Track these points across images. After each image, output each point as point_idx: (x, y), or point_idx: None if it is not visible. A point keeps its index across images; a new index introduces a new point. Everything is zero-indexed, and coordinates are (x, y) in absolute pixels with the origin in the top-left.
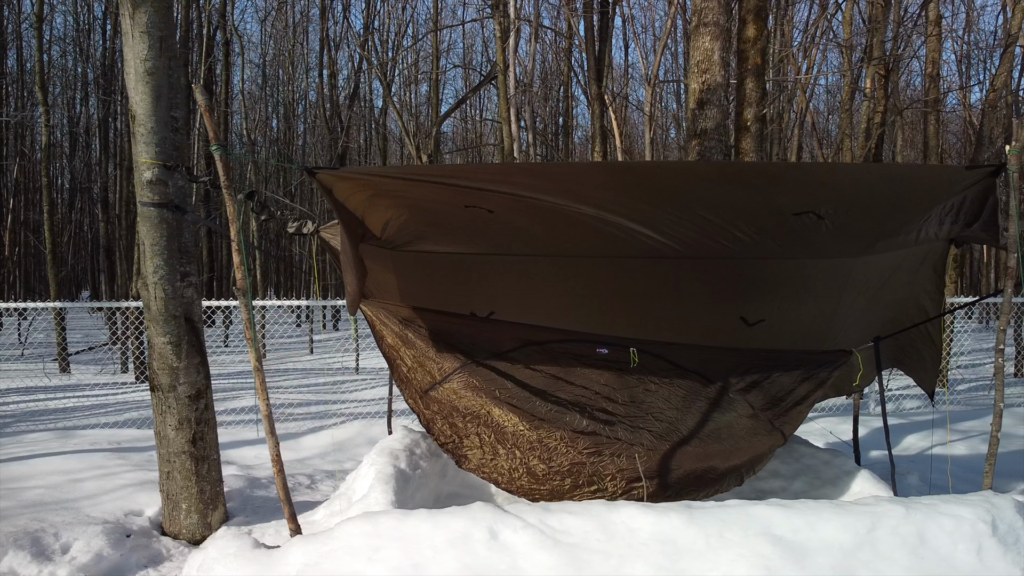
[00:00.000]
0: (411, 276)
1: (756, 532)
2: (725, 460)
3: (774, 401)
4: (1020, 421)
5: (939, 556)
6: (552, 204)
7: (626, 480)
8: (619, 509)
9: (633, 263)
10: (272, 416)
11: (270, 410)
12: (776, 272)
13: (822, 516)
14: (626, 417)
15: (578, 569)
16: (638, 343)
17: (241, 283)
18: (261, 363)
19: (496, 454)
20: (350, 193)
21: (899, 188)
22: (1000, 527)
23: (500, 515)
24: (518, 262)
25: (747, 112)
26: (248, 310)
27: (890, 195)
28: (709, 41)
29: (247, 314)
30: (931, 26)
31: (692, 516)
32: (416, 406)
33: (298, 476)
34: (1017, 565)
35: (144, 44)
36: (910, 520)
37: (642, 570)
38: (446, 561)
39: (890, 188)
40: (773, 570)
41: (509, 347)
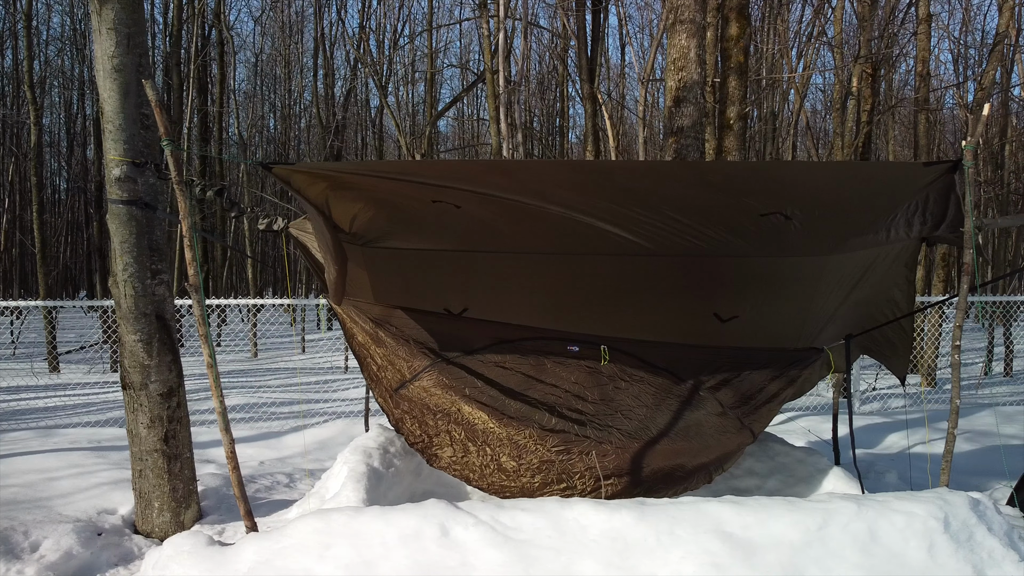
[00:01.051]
0: (383, 273)
1: (706, 529)
2: (693, 458)
3: (744, 399)
4: (1004, 420)
5: (890, 553)
6: (518, 203)
7: (595, 478)
8: (572, 506)
9: (605, 260)
10: (226, 414)
11: (224, 408)
12: (748, 270)
13: (773, 513)
14: (596, 415)
15: (527, 566)
16: (609, 341)
17: (193, 279)
18: (215, 360)
19: (467, 451)
20: (307, 185)
21: (862, 187)
22: (953, 524)
23: (452, 512)
24: (490, 259)
25: (730, 110)
26: (201, 307)
27: (854, 194)
28: (685, 39)
29: (199, 311)
30: (920, 24)
31: (643, 513)
32: (386, 405)
33: (277, 475)
34: (968, 562)
35: (111, 41)
36: (861, 517)
37: (591, 567)
38: (397, 558)
39: (853, 187)
40: (721, 567)
41: (480, 345)
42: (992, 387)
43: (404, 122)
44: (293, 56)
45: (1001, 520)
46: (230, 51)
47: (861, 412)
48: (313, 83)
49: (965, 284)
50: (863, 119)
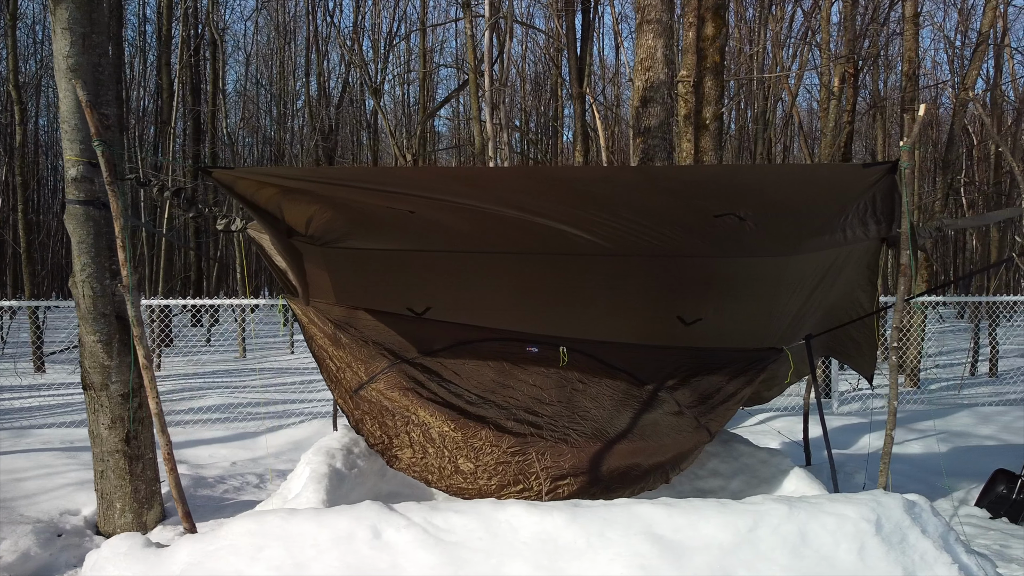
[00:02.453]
0: (345, 273)
1: (637, 531)
2: (649, 457)
3: (702, 399)
4: (982, 420)
5: (820, 555)
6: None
7: (551, 479)
8: (505, 508)
9: (567, 261)
10: (163, 415)
11: (160, 410)
12: (711, 271)
13: (704, 515)
14: (553, 416)
15: (457, 568)
16: (569, 342)
17: (126, 279)
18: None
19: (426, 453)
20: (256, 190)
21: (809, 188)
22: (885, 526)
23: (385, 514)
24: (452, 258)
25: (706, 110)
26: (136, 307)
27: (802, 195)
28: (652, 39)
29: (133, 311)
30: (907, 23)
31: (575, 515)
32: (346, 406)
33: (248, 476)
34: (899, 564)
35: (66, 40)
36: (792, 519)
37: (521, 569)
38: (328, 560)
39: (800, 189)
40: (649, 569)
41: (439, 346)
42: (976, 387)
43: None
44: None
45: (937, 522)
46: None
47: (839, 413)
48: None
49: (902, 285)
50: (845, 119)
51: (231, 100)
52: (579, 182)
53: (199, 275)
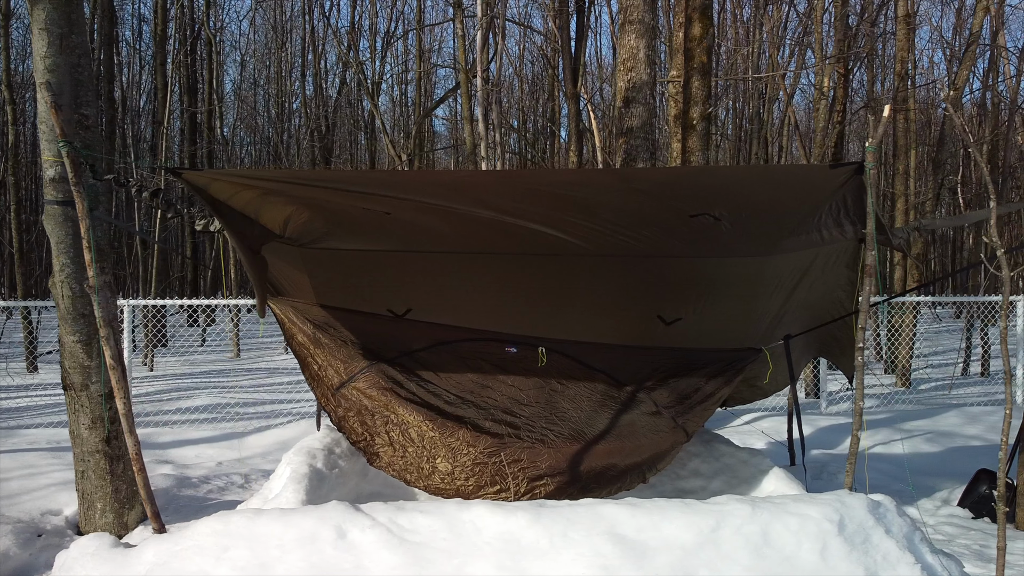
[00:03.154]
0: (324, 274)
1: (600, 531)
2: (626, 458)
3: (680, 399)
4: (969, 420)
5: (782, 556)
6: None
7: (528, 480)
8: (470, 508)
9: (545, 261)
10: (131, 415)
11: (128, 410)
12: (690, 271)
13: (667, 515)
14: (531, 417)
15: (421, 568)
16: (549, 342)
17: (92, 281)
18: (119, 361)
19: (405, 452)
20: (234, 192)
21: (780, 189)
22: (848, 526)
23: (350, 514)
24: (432, 259)
25: (694, 111)
26: (103, 308)
27: (774, 196)
28: (634, 39)
29: (99, 312)
30: (899, 24)
31: (539, 515)
32: (327, 404)
33: (233, 476)
34: (861, 564)
35: (43, 41)
36: (755, 519)
37: (483, 569)
38: (293, 561)
39: (772, 189)
40: (610, 569)
41: (419, 346)
42: (967, 387)
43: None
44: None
45: (902, 522)
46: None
47: (828, 413)
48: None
49: (868, 286)
50: (836, 119)
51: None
52: (554, 186)
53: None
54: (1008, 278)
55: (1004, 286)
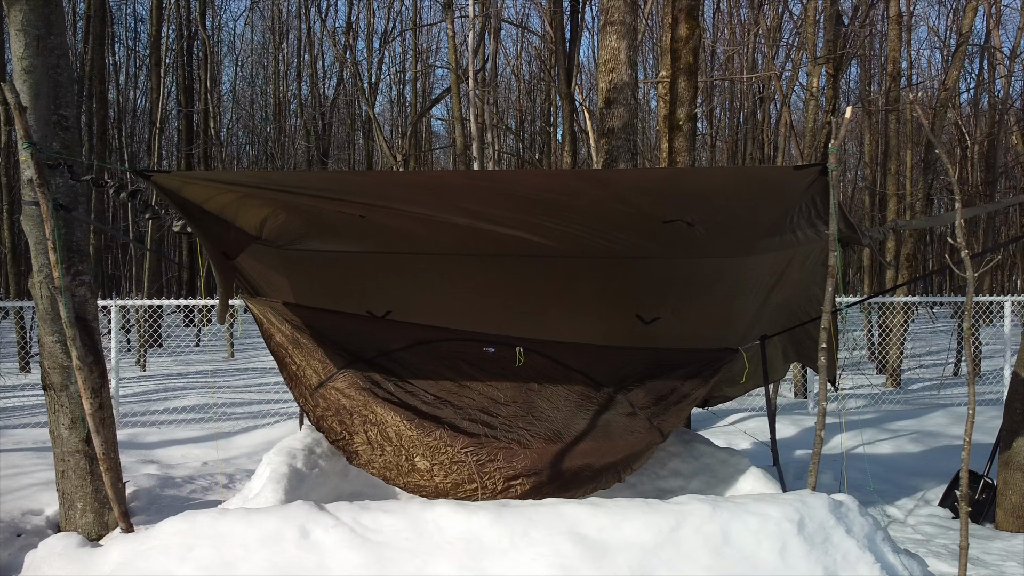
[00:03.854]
0: (303, 275)
1: (561, 531)
2: (600, 458)
3: (656, 399)
4: (956, 420)
5: (742, 555)
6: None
7: (504, 479)
8: (433, 508)
9: (523, 262)
10: (96, 415)
11: (94, 410)
12: (668, 271)
13: (628, 515)
14: (508, 417)
15: (382, 568)
16: (527, 343)
17: (58, 281)
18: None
19: (384, 450)
20: (211, 195)
21: (750, 191)
22: (808, 526)
23: (314, 514)
24: (410, 260)
25: (680, 111)
26: (69, 308)
27: (744, 199)
28: (615, 40)
29: (65, 312)
30: (891, 24)
31: (501, 515)
32: (306, 404)
33: (217, 476)
34: (821, 564)
35: (20, 42)
36: (715, 519)
37: (445, 568)
38: (257, 560)
39: (741, 192)
40: (569, 569)
41: (397, 346)
42: (957, 387)
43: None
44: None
45: (864, 522)
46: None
47: (815, 413)
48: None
49: (829, 287)
50: (824, 118)
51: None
52: (524, 189)
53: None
54: (972, 279)
55: (968, 286)
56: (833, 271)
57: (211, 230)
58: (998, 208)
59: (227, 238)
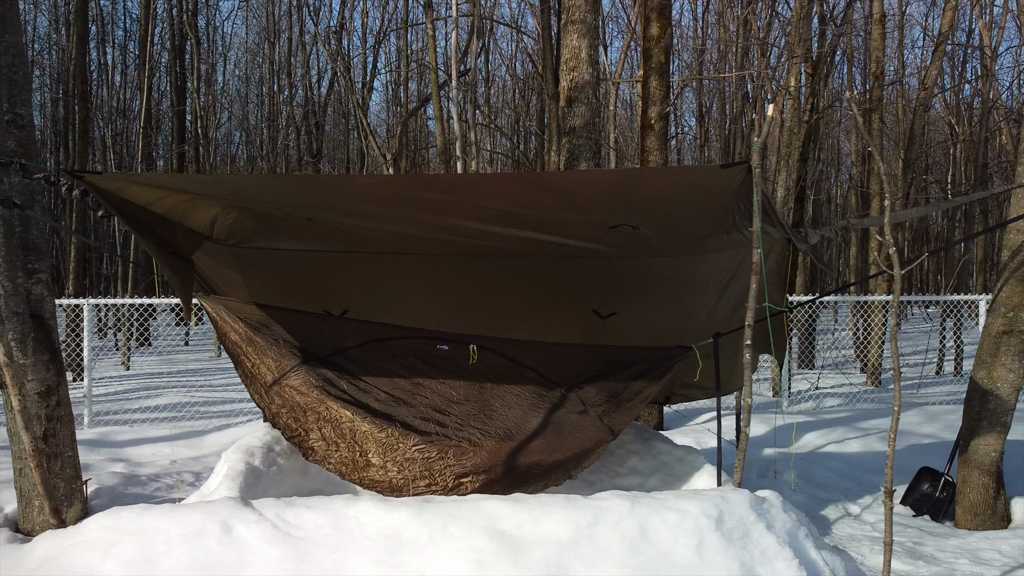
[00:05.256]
0: (257, 274)
1: (480, 526)
2: (549, 455)
3: (607, 397)
4: (928, 419)
5: (658, 551)
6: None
7: (455, 476)
8: (355, 503)
9: (478, 261)
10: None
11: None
12: (623, 268)
13: (547, 511)
14: (460, 415)
15: (301, 563)
16: (480, 340)
17: None
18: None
19: (338, 447)
20: (159, 196)
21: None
22: (727, 522)
23: (238, 510)
24: (366, 260)
25: (652, 110)
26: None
27: (681, 201)
28: (577, 39)
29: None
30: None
31: (422, 510)
32: (261, 401)
33: (185, 474)
34: (737, 560)
35: None
36: (633, 515)
37: (363, 563)
38: (179, 555)
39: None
40: (485, 564)
41: (351, 344)
42: (937, 386)
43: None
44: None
45: (786, 518)
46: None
47: (789, 411)
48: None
49: (754, 284)
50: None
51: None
52: (478, 196)
53: None
54: (899, 276)
55: (895, 284)
56: (757, 268)
57: (154, 231)
58: (947, 207)
59: (174, 238)
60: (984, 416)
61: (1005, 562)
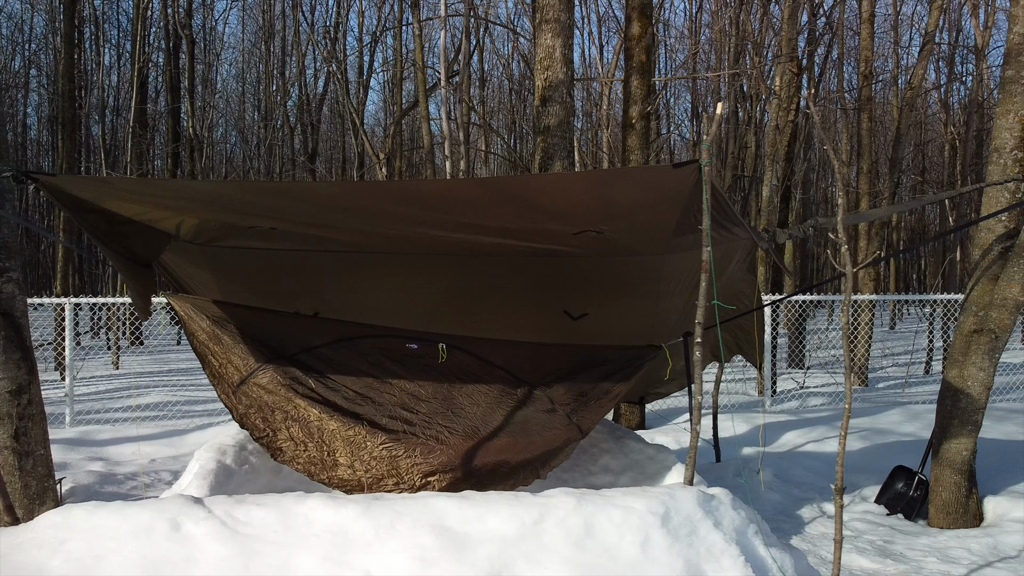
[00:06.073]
0: (228, 273)
1: (426, 523)
2: (517, 454)
3: (576, 396)
4: (910, 418)
5: (603, 547)
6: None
7: (422, 474)
8: (305, 501)
9: (450, 259)
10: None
11: None
12: (591, 268)
13: (494, 508)
14: (428, 413)
15: (248, 560)
16: (450, 339)
17: None
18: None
19: (307, 447)
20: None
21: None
22: (674, 519)
23: (187, 507)
24: (337, 260)
25: (633, 110)
26: None
27: (638, 202)
28: (551, 38)
29: None
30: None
31: (369, 508)
32: (229, 401)
33: (163, 472)
34: (682, 557)
35: None
36: (579, 512)
37: (309, 561)
38: (127, 553)
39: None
40: (429, 561)
41: (319, 342)
42: (923, 385)
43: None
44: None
45: (735, 515)
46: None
47: (772, 411)
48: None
49: (704, 282)
50: (789, 117)
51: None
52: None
53: None
54: (851, 274)
55: (847, 282)
56: (706, 265)
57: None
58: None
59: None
60: (956, 415)
61: (973, 560)
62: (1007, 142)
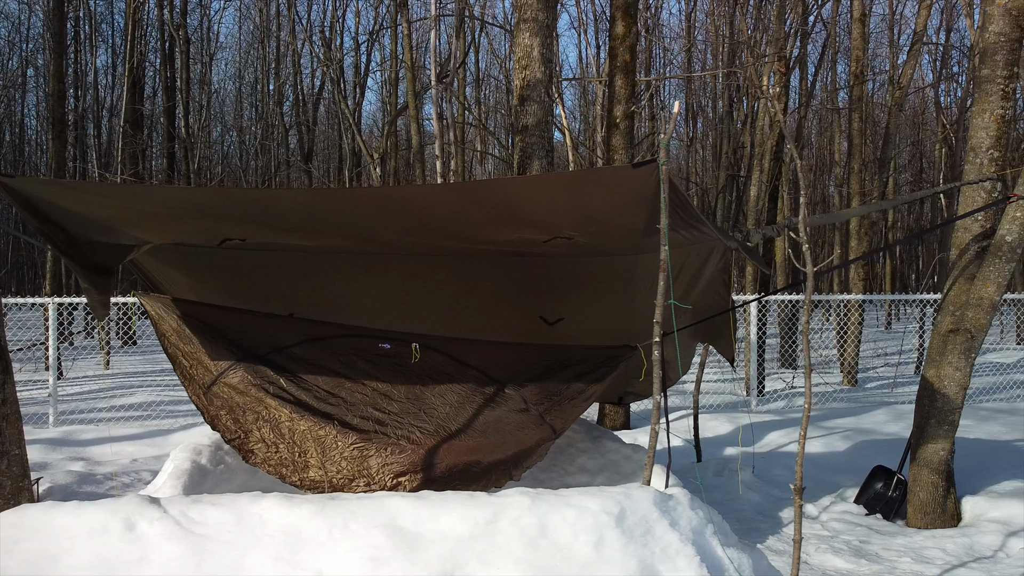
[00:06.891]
0: (201, 273)
1: (379, 523)
2: (489, 454)
3: (550, 396)
4: (894, 418)
5: (557, 547)
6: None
7: (393, 474)
8: (260, 501)
9: (428, 261)
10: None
11: None
12: (565, 269)
13: (448, 507)
14: (400, 413)
15: (201, 560)
16: (423, 339)
17: None
18: None
19: (278, 448)
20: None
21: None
22: (629, 519)
23: (142, 507)
24: (312, 261)
25: (617, 109)
26: None
27: (602, 204)
28: (528, 37)
29: None
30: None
31: (323, 507)
32: (200, 403)
33: (143, 472)
34: (637, 557)
35: None
36: (533, 511)
37: (261, 561)
38: (81, 553)
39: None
40: (381, 561)
41: (291, 342)
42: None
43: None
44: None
45: (692, 515)
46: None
47: (758, 410)
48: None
49: (661, 282)
50: (776, 118)
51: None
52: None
53: None
54: (811, 272)
55: (808, 281)
56: (664, 264)
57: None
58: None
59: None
60: (933, 415)
61: (947, 560)
62: (983, 141)
